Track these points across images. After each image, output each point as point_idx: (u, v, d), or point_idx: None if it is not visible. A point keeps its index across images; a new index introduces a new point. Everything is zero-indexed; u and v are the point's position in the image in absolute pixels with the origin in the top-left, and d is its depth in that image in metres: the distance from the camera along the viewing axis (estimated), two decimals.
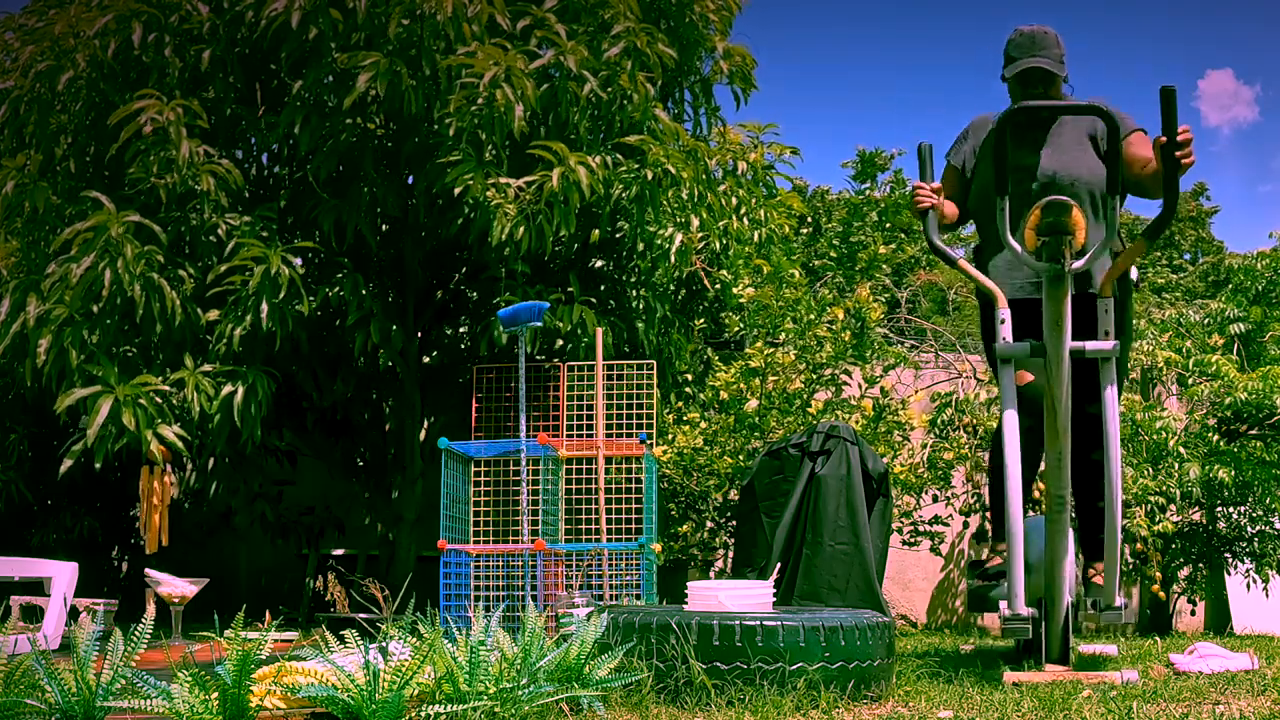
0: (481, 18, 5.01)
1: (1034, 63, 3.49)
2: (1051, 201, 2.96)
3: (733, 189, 5.94)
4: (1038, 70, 3.51)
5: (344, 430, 6.40)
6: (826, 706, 2.63)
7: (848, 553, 4.31)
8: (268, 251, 4.85)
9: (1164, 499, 5.74)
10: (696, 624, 2.75)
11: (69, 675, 2.20)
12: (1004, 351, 3.22)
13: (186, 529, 6.80)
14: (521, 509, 4.64)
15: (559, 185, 4.86)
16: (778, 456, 4.65)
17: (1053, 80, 3.53)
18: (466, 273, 6.10)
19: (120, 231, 4.69)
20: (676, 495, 5.94)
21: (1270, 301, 7.65)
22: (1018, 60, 3.53)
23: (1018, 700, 2.74)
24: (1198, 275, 15.40)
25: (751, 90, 6.05)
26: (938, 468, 6.08)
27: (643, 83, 5.20)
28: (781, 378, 5.85)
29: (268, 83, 5.61)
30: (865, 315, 5.93)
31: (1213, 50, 49.05)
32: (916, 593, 6.94)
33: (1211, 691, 2.91)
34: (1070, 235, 2.95)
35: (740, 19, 6.10)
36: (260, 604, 6.08)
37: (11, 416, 6.30)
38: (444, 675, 2.35)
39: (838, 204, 13.37)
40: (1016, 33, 3.57)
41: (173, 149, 4.82)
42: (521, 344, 4.65)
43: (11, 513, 6.39)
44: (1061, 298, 2.98)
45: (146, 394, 4.67)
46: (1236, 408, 6.03)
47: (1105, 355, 3.16)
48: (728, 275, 6.27)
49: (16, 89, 5.18)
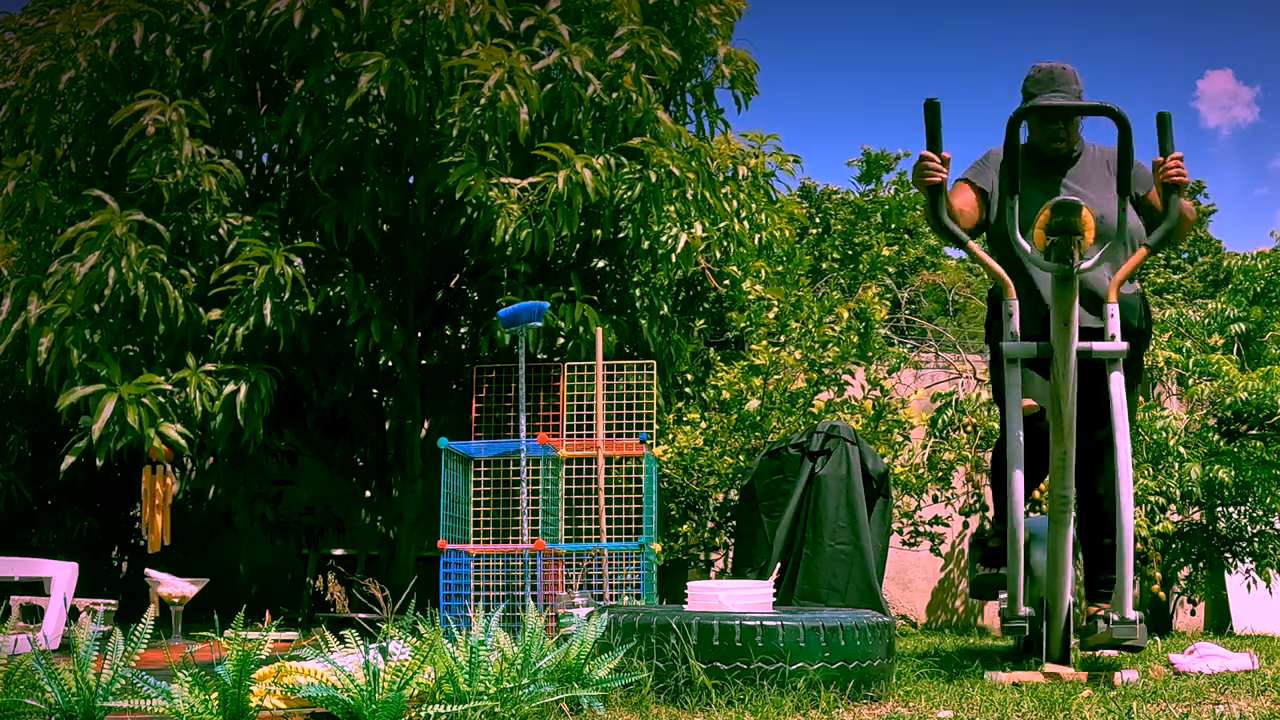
0: (484, 18, 5.02)
1: (1053, 99, 3.47)
2: (1061, 201, 2.95)
3: (734, 192, 5.94)
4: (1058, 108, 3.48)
5: (344, 430, 6.41)
6: (826, 706, 2.63)
7: (848, 553, 4.31)
8: (271, 251, 4.86)
9: (1164, 499, 5.73)
10: (696, 624, 2.75)
11: (69, 675, 2.20)
12: (1011, 351, 3.22)
13: (187, 529, 6.81)
14: (521, 509, 4.64)
15: (564, 187, 4.86)
16: (778, 456, 4.65)
17: (1072, 116, 3.51)
18: (467, 273, 6.10)
19: (124, 230, 4.69)
20: (677, 495, 5.94)
21: (1270, 301, 7.64)
22: (1036, 96, 3.50)
23: (1018, 700, 2.74)
24: (1197, 275, 15.40)
25: (753, 94, 6.06)
26: (938, 468, 6.08)
27: (646, 85, 5.21)
28: (784, 377, 5.84)
29: (269, 82, 5.62)
30: (870, 316, 5.93)
31: (1213, 50, 49.09)
32: (916, 593, 6.94)
33: (1211, 691, 2.91)
34: (1079, 235, 2.94)
35: (741, 21, 6.11)
36: (260, 604, 6.08)
37: (11, 416, 6.30)
38: (444, 675, 2.35)
39: (841, 204, 13.37)
40: (1035, 69, 3.54)
41: (175, 149, 4.82)
42: (521, 344, 4.65)
43: (11, 513, 6.39)
44: (1069, 297, 2.98)
45: (149, 393, 4.68)
46: (1237, 408, 6.03)
47: (1113, 357, 3.16)
48: (737, 271, 6.26)
49: (17, 89, 5.19)
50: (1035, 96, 3.49)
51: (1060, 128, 3.51)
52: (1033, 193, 3.35)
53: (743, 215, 5.97)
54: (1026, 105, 3.40)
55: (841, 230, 12.27)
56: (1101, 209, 3.39)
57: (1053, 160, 3.57)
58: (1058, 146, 3.55)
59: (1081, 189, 3.47)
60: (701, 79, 6.07)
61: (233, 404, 4.87)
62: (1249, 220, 47.25)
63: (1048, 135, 3.53)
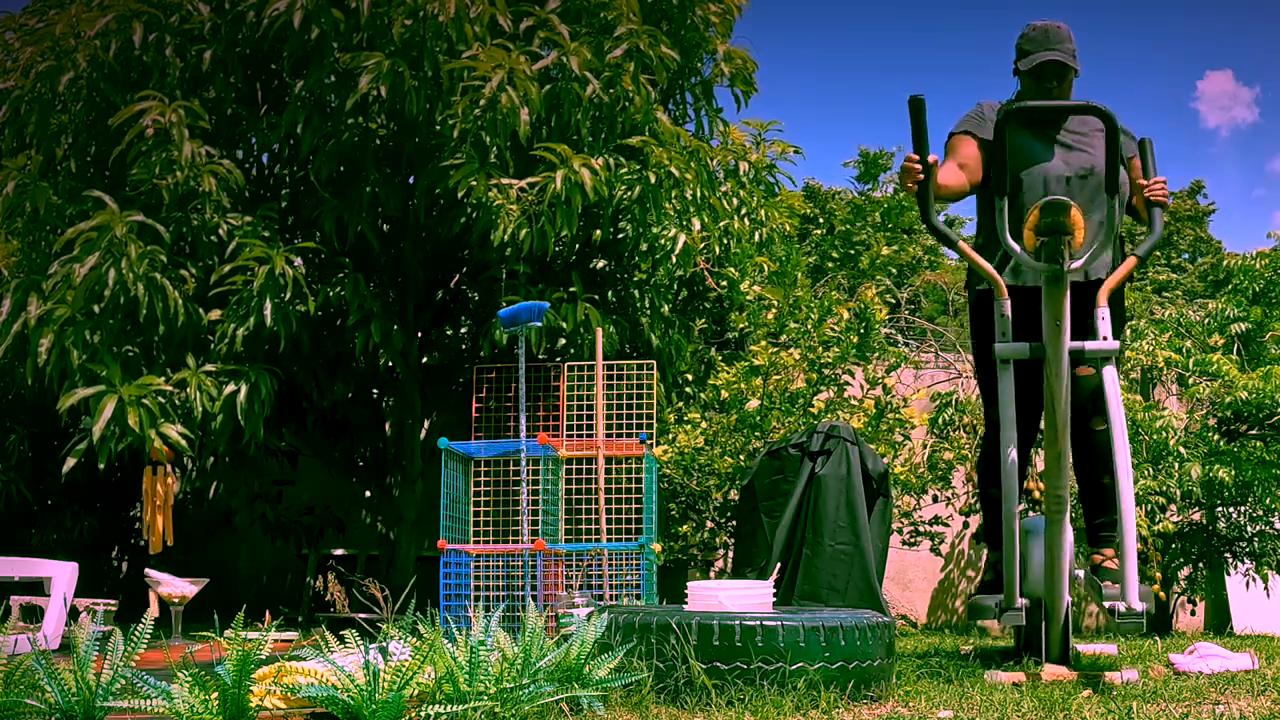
0: (484, 18, 5.02)
1: (1049, 56, 3.50)
2: (1050, 201, 2.95)
3: (734, 189, 5.94)
4: (1052, 64, 3.51)
5: (344, 430, 6.41)
6: (826, 706, 2.63)
7: (848, 553, 4.31)
8: (271, 251, 4.86)
9: (1164, 499, 5.74)
10: (696, 624, 2.75)
11: (69, 675, 2.20)
12: (1003, 352, 3.22)
13: (187, 529, 6.80)
14: (521, 509, 4.64)
15: (562, 188, 4.86)
16: (778, 456, 4.65)
17: (1066, 74, 3.54)
18: (467, 273, 6.10)
19: (124, 231, 4.69)
20: (677, 495, 5.94)
21: (1270, 301, 7.63)
22: (1032, 54, 3.53)
23: (1018, 700, 2.74)
24: (1197, 275, 15.40)
25: (752, 93, 6.06)
26: (938, 468, 6.08)
27: (645, 84, 5.21)
28: (784, 377, 5.84)
29: (269, 83, 5.62)
30: (870, 316, 5.93)
31: (1213, 51, 49.03)
32: (916, 593, 6.94)
33: (1211, 691, 2.91)
34: (1069, 235, 2.95)
35: (741, 19, 6.12)
36: (260, 604, 6.08)
37: (11, 416, 6.30)
38: (444, 675, 2.35)
39: (840, 204, 13.38)
40: (1030, 28, 3.58)
41: (174, 149, 4.82)
42: (521, 344, 4.65)
43: (11, 513, 6.39)
44: (1060, 297, 2.98)
45: (150, 394, 4.68)
46: (1237, 407, 6.03)
47: (1105, 355, 3.17)
48: (735, 272, 6.27)
49: (17, 89, 5.19)
50: (1030, 54, 3.54)
51: (1053, 85, 3.55)
52: (1033, 148, 3.48)
53: (743, 213, 5.97)
54: (1018, 106, 3.40)
55: (842, 230, 12.28)
56: (1096, 160, 3.48)
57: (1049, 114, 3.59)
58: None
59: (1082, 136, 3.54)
60: (701, 77, 6.07)
61: (233, 404, 4.87)
62: (1248, 220, 47.25)
63: (1042, 95, 3.55)
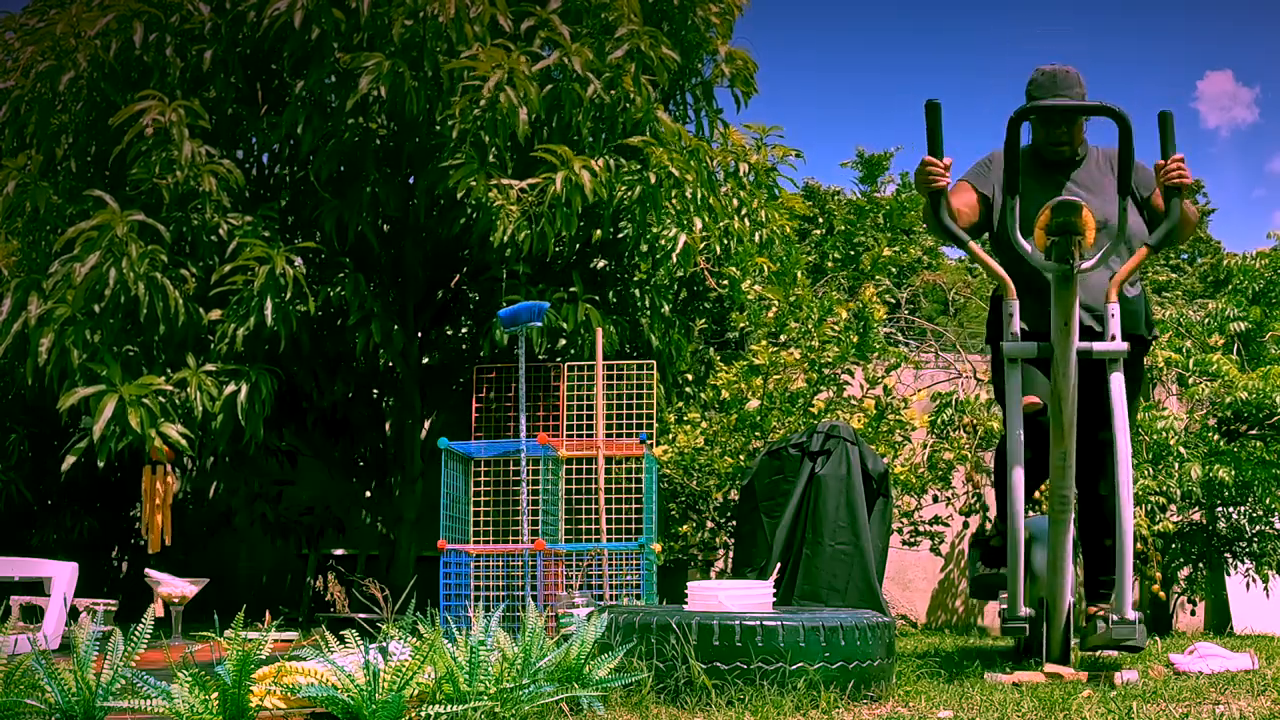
0: (484, 19, 5.02)
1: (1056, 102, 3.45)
2: (1061, 201, 2.95)
3: (735, 190, 5.94)
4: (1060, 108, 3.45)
5: (344, 430, 6.41)
6: (826, 706, 2.63)
7: (848, 553, 4.31)
8: (271, 251, 4.86)
9: (1164, 499, 5.74)
10: (696, 624, 2.75)
11: (69, 675, 2.20)
12: (1011, 351, 3.22)
13: (187, 529, 6.81)
14: (521, 509, 4.64)
15: (563, 189, 4.86)
16: (778, 456, 4.65)
17: (1075, 118, 3.48)
18: (467, 273, 6.10)
19: (125, 231, 4.70)
20: (677, 495, 5.94)
21: (1270, 301, 7.64)
22: (1039, 100, 3.46)
23: (1018, 700, 2.74)
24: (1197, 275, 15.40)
25: (752, 94, 6.06)
26: (938, 468, 6.08)
27: (645, 85, 5.21)
28: (784, 377, 5.84)
29: (269, 83, 5.62)
30: (870, 316, 5.93)
31: (1213, 51, 49.05)
32: (916, 593, 6.94)
33: (1211, 691, 2.91)
34: (1080, 235, 2.94)
35: (741, 20, 6.12)
36: (260, 604, 6.08)
37: (11, 416, 6.30)
38: (444, 675, 2.35)
39: (840, 205, 13.38)
40: (1038, 72, 3.50)
41: (175, 149, 4.83)
42: (522, 344, 4.65)
43: (11, 513, 6.39)
44: (1070, 298, 2.98)
45: (150, 393, 4.68)
46: (1237, 407, 6.03)
47: (1113, 357, 3.16)
48: (736, 271, 6.26)
49: (17, 89, 5.19)
50: (1038, 100, 3.46)
51: (1063, 131, 3.49)
52: (1036, 195, 3.33)
53: (743, 213, 5.97)
54: (1027, 105, 3.38)
55: (843, 231, 12.28)
56: (1105, 213, 3.38)
57: (1056, 163, 3.55)
58: (1061, 149, 3.53)
59: (1086, 193, 3.45)
60: (701, 78, 6.07)
61: (233, 404, 4.88)
62: (1248, 221, 47.25)
63: (1051, 138, 3.51)
